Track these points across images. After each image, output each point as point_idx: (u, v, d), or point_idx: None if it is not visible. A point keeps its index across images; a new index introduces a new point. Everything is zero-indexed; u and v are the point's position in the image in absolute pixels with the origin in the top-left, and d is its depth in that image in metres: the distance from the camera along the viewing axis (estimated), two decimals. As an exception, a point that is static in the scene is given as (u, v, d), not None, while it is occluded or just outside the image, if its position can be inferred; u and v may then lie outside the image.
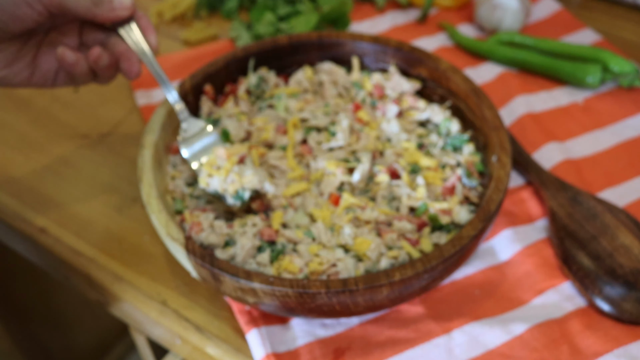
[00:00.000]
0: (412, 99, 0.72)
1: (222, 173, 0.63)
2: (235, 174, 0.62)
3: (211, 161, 0.64)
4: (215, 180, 0.63)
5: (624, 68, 0.79)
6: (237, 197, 0.63)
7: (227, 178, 0.62)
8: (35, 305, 1.16)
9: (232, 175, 0.62)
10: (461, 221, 0.61)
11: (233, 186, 0.62)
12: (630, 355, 0.57)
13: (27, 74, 0.63)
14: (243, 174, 0.62)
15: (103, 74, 0.65)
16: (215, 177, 0.63)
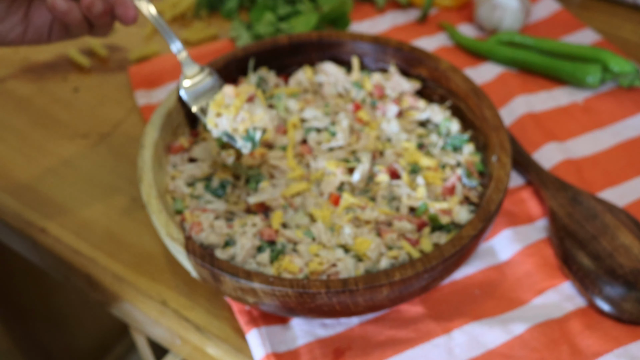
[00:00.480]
0: (412, 99, 0.72)
1: (231, 111, 0.61)
2: (246, 112, 0.61)
3: (219, 100, 0.62)
4: (224, 120, 0.61)
5: (624, 68, 0.79)
6: (247, 137, 0.61)
7: (236, 116, 0.61)
8: (35, 305, 1.15)
9: (242, 113, 0.61)
10: (461, 221, 0.61)
11: (244, 125, 0.60)
12: (630, 355, 0.57)
13: (20, 30, 0.63)
14: (253, 112, 0.61)
15: (98, 23, 0.63)
16: (224, 116, 0.61)
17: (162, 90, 0.84)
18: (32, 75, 0.88)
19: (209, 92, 0.65)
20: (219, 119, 0.61)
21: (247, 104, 0.61)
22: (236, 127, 0.61)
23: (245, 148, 0.61)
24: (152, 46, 0.90)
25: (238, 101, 0.61)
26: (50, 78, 0.87)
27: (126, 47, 0.91)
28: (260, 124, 0.60)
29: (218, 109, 0.61)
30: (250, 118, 0.60)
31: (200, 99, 0.64)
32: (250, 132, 0.61)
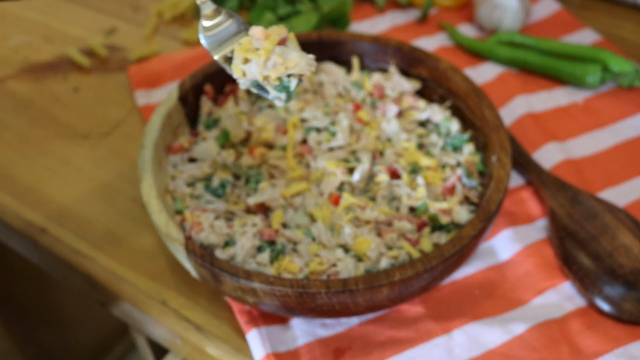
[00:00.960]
0: (412, 98, 0.72)
1: (261, 55, 0.52)
2: (278, 56, 0.52)
3: (246, 44, 0.53)
4: (253, 66, 0.53)
5: (624, 68, 0.79)
6: (281, 87, 0.53)
7: (267, 61, 0.52)
8: (35, 305, 1.16)
9: (274, 58, 0.52)
10: (461, 221, 0.61)
11: (276, 71, 0.52)
12: (630, 355, 0.57)
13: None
14: (287, 55, 0.52)
15: None
16: (253, 61, 0.53)
17: (162, 90, 0.84)
18: (32, 75, 0.88)
19: (232, 37, 0.56)
20: (246, 66, 0.53)
21: (279, 48, 0.52)
22: (267, 74, 0.52)
23: (279, 100, 0.53)
24: (152, 46, 0.90)
25: (269, 43, 0.52)
26: (50, 78, 0.87)
27: (126, 47, 0.91)
28: (295, 69, 0.52)
29: (245, 54, 0.53)
30: (284, 63, 0.52)
31: (222, 45, 0.56)
32: (284, 80, 0.52)
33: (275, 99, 0.53)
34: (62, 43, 0.92)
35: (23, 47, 0.92)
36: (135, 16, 0.97)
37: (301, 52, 0.53)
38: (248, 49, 0.53)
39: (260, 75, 0.52)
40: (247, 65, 0.53)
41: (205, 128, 0.70)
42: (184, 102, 0.69)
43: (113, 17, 0.97)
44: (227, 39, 0.56)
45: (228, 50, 0.56)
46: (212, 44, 0.55)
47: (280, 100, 0.54)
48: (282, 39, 0.53)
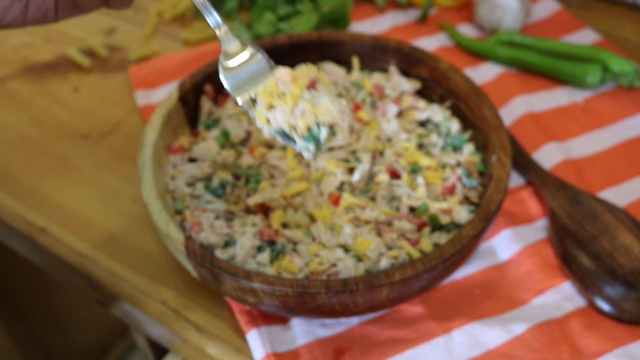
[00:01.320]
0: (412, 98, 0.72)
1: (287, 102, 0.47)
2: (307, 103, 0.47)
3: (270, 88, 0.48)
4: (279, 114, 0.48)
5: (624, 68, 0.79)
6: (309, 137, 0.48)
7: (295, 109, 0.47)
8: (35, 305, 1.16)
9: (302, 104, 0.47)
10: (461, 221, 0.61)
11: (304, 120, 0.47)
12: (630, 355, 0.57)
13: (20, 8, 0.49)
14: (317, 102, 0.47)
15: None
16: (279, 108, 0.48)
17: (162, 90, 0.84)
18: (32, 75, 0.88)
19: (257, 77, 0.51)
20: (271, 113, 0.48)
21: (309, 92, 0.48)
22: (295, 123, 0.47)
23: (306, 151, 0.48)
24: (152, 46, 0.90)
25: (296, 88, 0.47)
26: (50, 78, 0.87)
27: (126, 47, 0.91)
28: (326, 117, 0.47)
29: (270, 100, 0.48)
30: (313, 110, 0.47)
31: (246, 86, 0.50)
32: (313, 129, 0.47)
33: (302, 149, 0.48)
34: (62, 43, 0.92)
35: (23, 47, 0.92)
36: (135, 16, 0.97)
37: (332, 97, 0.48)
38: (273, 92, 0.48)
39: (286, 123, 0.47)
40: (272, 112, 0.48)
41: (205, 128, 0.70)
42: (184, 102, 0.69)
43: (113, 17, 0.97)
44: (251, 78, 0.51)
45: (251, 91, 0.50)
46: (236, 84, 0.50)
47: (309, 152, 0.48)
48: (312, 81, 0.49)
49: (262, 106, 0.49)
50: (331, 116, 0.47)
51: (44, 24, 0.51)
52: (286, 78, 0.48)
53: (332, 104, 0.47)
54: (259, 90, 0.49)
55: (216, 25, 0.51)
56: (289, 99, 0.47)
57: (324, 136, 0.48)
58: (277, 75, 0.49)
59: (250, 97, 0.50)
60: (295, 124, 0.47)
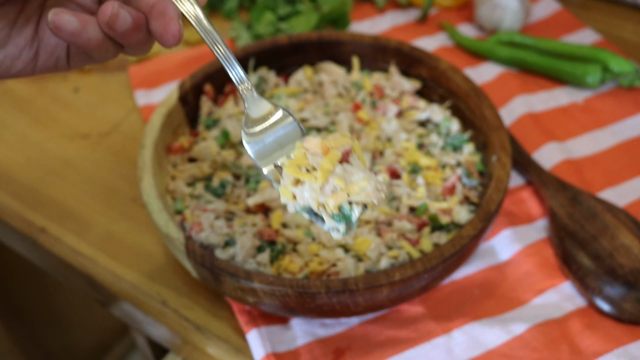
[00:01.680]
0: (412, 98, 0.72)
1: (317, 178, 0.43)
2: (338, 179, 0.42)
3: (298, 160, 0.44)
4: (307, 190, 0.43)
5: (624, 68, 0.79)
6: (340, 216, 0.43)
7: (325, 185, 0.43)
8: (35, 305, 1.15)
9: (333, 181, 0.42)
10: (461, 221, 0.61)
11: (335, 199, 0.42)
12: (630, 355, 0.57)
13: (30, 55, 0.45)
14: (350, 177, 0.43)
15: (128, 42, 0.43)
16: (307, 184, 0.43)
17: (162, 90, 0.84)
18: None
19: (284, 142, 0.46)
20: (298, 189, 0.43)
21: (341, 166, 0.43)
22: (324, 201, 0.42)
23: (336, 232, 0.44)
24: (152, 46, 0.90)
25: (327, 162, 0.42)
26: (50, 78, 0.87)
27: (126, 47, 0.91)
28: (360, 196, 0.42)
29: (297, 174, 0.43)
30: (346, 188, 0.42)
31: (272, 154, 0.46)
32: (344, 208, 0.43)
33: (331, 230, 0.44)
34: (62, 43, 0.92)
35: None
36: (135, 16, 0.96)
37: (367, 171, 0.43)
38: (301, 165, 0.43)
39: (315, 201, 0.43)
40: (299, 188, 0.43)
41: (205, 128, 0.70)
42: (184, 102, 0.69)
43: (113, 17, 0.96)
44: (278, 144, 0.47)
45: (277, 159, 0.46)
46: (260, 151, 0.46)
47: (338, 233, 0.44)
48: (345, 152, 0.44)
49: (288, 181, 0.43)
50: (365, 195, 0.42)
51: (55, 72, 0.47)
52: (317, 149, 0.43)
53: (368, 181, 0.42)
54: (285, 161, 0.45)
55: (239, 81, 0.47)
56: (319, 175, 0.42)
57: (356, 216, 0.43)
58: (306, 145, 0.44)
59: (275, 164, 0.46)
60: (325, 202, 0.42)
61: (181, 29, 0.42)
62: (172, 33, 0.42)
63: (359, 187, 0.42)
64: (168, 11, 0.42)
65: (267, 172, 0.46)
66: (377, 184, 0.43)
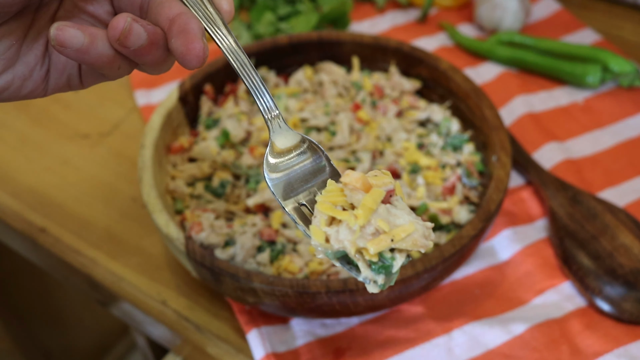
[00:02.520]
0: (412, 98, 0.72)
1: (358, 217, 0.36)
2: (382, 221, 0.37)
3: (333, 195, 0.38)
4: (344, 232, 0.37)
5: (624, 68, 0.79)
6: (379, 266, 0.37)
7: (366, 228, 0.37)
8: (35, 305, 1.15)
9: (375, 222, 0.37)
10: (461, 221, 0.61)
11: (378, 244, 0.36)
12: (630, 355, 0.57)
13: (41, 75, 0.41)
14: (395, 220, 0.37)
15: (143, 60, 0.39)
16: (344, 224, 0.37)
17: (162, 90, 0.84)
18: (32, 75, 0.88)
19: (310, 180, 0.42)
20: (332, 230, 0.37)
21: (384, 207, 0.37)
22: (364, 245, 0.36)
23: (373, 284, 0.37)
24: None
25: (370, 199, 0.37)
26: (50, 78, 0.87)
27: (126, 47, 0.91)
28: (405, 243, 0.36)
29: (333, 212, 0.37)
30: (390, 233, 0.36)
31: (296, 190, 0.41)
32: (385, 257, 0.37)
33: (367, 281, 0.37)
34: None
35: None
36: (135, 16, 0.96)
37: (414, 215, 0.38)
38: (337, 203, 0.37)
39: (352, 246, 0.36)
40: (334, 229, 0.37)
41: (205, 128, 0.70)
42: (184, 102, 0.69)
43: (113, 17, 0.96)
44: (303, 179, 0.42)
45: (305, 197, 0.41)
46: (282, 185, 0.41)
47: (375, 285, 0.38)
48: (388, 192, 0.38)
49: (321, 220, 0.37)
50: (412, 241, 0.36)
51: (68, 90, 0.43)
52: (357, 184, 0.37)
53: (414, 226, 0.37)
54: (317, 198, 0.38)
55: (267, 109, 0.42)
56: (360, 214, 0.36)
57: (398, 266, 0.37)
58: (345, 180, 0.38)
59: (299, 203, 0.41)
60: (364, 247, 0.36)
61: (206, 50, 0.37)
62: (195, 53, 0.36)
63: (405, 231, 0.36)
64: (191, 27, 0.36)
65: (289, 210, 0.41)
66: (424, 230, 0.37)
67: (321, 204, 0.38)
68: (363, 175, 0.38)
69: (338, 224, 0.37)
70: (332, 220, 0.38)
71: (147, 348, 0.86)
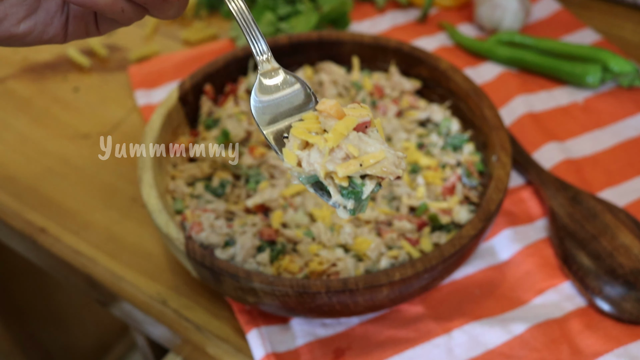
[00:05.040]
0: (412, 98, 0.72)
1: (328, 140, 0.38)
2: (352, 146, 0.38)
3: (308, 122, 0.40)
4: (315, 155, 0.38)
5: (624, 68, 0.79)
6: (349, 191, 0.38)
7: (336, 151, 0.38)
8: (35, 305, 1.16)
9: (346, 147, 0.38)
10: (461, 221, 0.61)
11: (346, 168, 0.37)
12: (630, 355, 0.57)
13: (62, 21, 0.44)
14: (365, 147, 0.38)
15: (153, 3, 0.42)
16: (315, 148, 0.38)
17: (162, 90, 0.84)
18: (32, 75, 0.88)
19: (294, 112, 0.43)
20: (304, 153, 0.39)
21: (356, 135, 0.38)
22: (333, 169, 0.37)
23: (342, 210, 0.39)
24: (152, 46, 0.90)
25: (342, 125, 0.38)
26: (50, 78, 0.87)
27: (126, 47, 0.91)
28: (375, 169, 0.37)
29: (305, 136, 0.39)
30: (360, 158, 0.37)
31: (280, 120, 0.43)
32: (355, 181, 0.38)
33: (337, 206, 0.39)
34: (62, 43, 0.92)
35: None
36: (135, 16, 0.96)
37: (386, 145, 0.38)
38: (311, 129, 0.39)
39: (322, 168, 0.37)
40: (306, 153, 0.38)
41: (205, 128, 0.70)
42: (184, 102, 0.69)
43: (113, 17, 0.96)
44: (288, 112, 0.43)
45: (284, 125, 0.42)
46: (265, 114, 0.43)
47: (345, 211, 0.39)
48: (363, 123, 0.39)
49: (294, 143, 0.39)
50: (381, 167, 0.37)
51: (86, 37, 0.46)
52: (331, 111, 0.38)
53: (385, 153, 0.37)
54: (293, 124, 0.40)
55: (260, 54, 0.44)
56: (330, 137, 0.37)
57: (367, 192, 0.38)
58: (320, 107, 0.39)
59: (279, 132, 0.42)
60: (334, 170, 0.37)
61: None
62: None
63: (375, 158, 0.37)
64: None
65: (267, 133, 0.42)
66: (395, 159, 0.38)
67: (295, 129, 0.39)
68: (337, 103, 0.39)
69: (310, 148, 0.39)
70: (306, 145, 0.39)
71: (147, 348, 0.86)
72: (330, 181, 0.38)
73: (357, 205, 0.39)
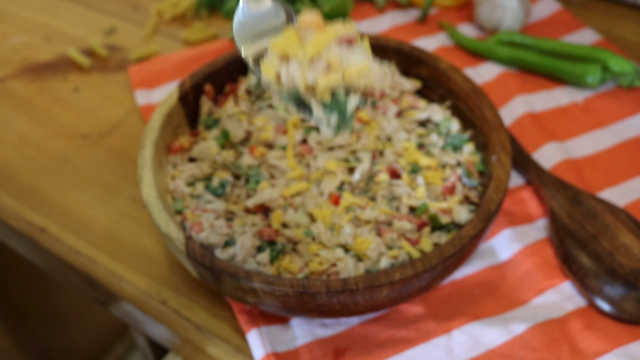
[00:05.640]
0: (412, 98, 0.72)
1: (308, 50, 0.35)
2: (333, 55, 0.35)
3: (288, 36, 0.37)
4: (294, 67, 0.36)
5: (624, 68, 0.79)
6: (332, 105, 0.36)
7: (317, 61, 0.35)
8: (35, 305, 1.16)
9: (327, 57, 0.35)
10: (461, 221, 0.61)
11: (328, 78, 0.34)
12: (630, 355, 0.57)
13: None
14: (349, 58, 0.35)
15: None
16: (294, 62, 0.36)
17: (162, 90, 0.84)
18: (32, 75, 0.88)
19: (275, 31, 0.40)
20: (285, 66, 0.36)
21: (339, 47, 0.36)
22: (314, 80, 0.35)
23: (326, 126, 0.37)
24: (152, 46, 0.90)
25: (323, 35, 0.35)
26: (50, 78, 0.87)
27: (126, 47, 0.91)
28: (358, 79, 0.35)
29: (285, 49, 0.36)
30: (342, 68, 0.35)
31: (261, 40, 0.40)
32: (338, 94, 0.36)
33: (320, 122, 0.36)
34: (62, 43, 0.92)
35: (23, 47, 0.92)
36: (135, 16, 0.97)
37: (371, 58, 0.36)
38: (290, 42, 0.36)
39: (302, 81, 0.35)
40: (286, 65, 0.36)
41: (205, 128, 0.70)
42: (184, 102, 0.69)
43: (113, 17, 0.97)
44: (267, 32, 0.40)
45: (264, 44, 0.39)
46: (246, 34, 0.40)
47: (328, 127, 0.37)
48: (348, 38, 0.36)
49: (273, 57, 0.36)
50: (366, 78, 0.34)
51: None
52: (311, 22, 0.36)
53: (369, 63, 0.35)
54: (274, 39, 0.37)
55: None
56: (309, 47, 0.34)
57: (352, 106, 0.35)
58: (301, 20, 0.36)
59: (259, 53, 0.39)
60: (315, 82, 0.34)
61: None
62: None
63: (359, 68, 0.34)
64: None
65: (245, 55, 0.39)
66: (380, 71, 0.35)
67: (274, 43, 0.37)
68: (319, 17, 0.36)
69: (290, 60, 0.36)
70: (285, 57, 0.36)
71: (147, 348, 0.86)
72: (311, 95, 0.35)
73: (342, 122, 0.36)
